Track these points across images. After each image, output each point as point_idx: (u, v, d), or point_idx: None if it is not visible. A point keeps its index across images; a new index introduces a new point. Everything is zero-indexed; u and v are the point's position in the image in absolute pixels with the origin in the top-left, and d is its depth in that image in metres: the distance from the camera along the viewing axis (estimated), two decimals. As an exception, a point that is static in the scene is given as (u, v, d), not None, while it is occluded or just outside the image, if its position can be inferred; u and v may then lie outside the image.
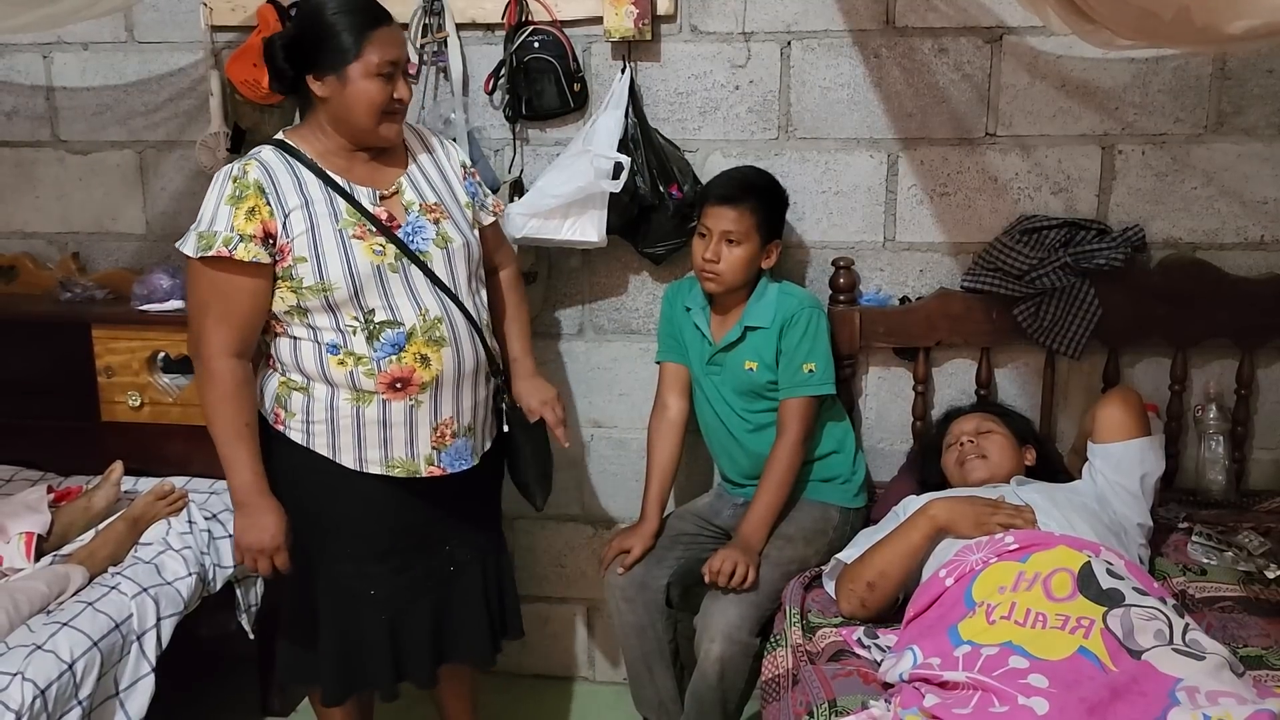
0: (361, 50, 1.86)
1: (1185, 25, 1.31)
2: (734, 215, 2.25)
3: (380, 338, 1.90)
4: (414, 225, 1.96)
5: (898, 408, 2.59)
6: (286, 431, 1.96)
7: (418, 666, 2.06)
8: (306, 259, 1.86)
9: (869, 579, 2.02)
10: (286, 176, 1.89)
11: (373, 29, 1.87)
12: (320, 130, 1.94)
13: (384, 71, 1.88)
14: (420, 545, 2.05)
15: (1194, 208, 2.44)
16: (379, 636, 2.02)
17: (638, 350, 2.66)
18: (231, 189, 1.86)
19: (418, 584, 2.04)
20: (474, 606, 2.11)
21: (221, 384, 1.88)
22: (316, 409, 1.93)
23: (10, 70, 2.79)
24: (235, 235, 1.83)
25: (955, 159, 2.47)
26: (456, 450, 2.01)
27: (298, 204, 1.88)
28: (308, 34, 1.89)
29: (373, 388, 1.91)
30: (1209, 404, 2.47)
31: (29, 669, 1.87)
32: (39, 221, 2.87)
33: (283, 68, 1.91)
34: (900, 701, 1.66)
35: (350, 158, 1.96)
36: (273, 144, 1.94)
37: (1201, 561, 2.18)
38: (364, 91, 1.87)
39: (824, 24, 2.44)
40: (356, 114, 1.89)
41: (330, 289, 1.87)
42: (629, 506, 2.68)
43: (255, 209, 1.85)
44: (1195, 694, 1.56)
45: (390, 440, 1.94)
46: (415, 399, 1.94)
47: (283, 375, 1.96)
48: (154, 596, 2.16)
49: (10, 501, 2.36)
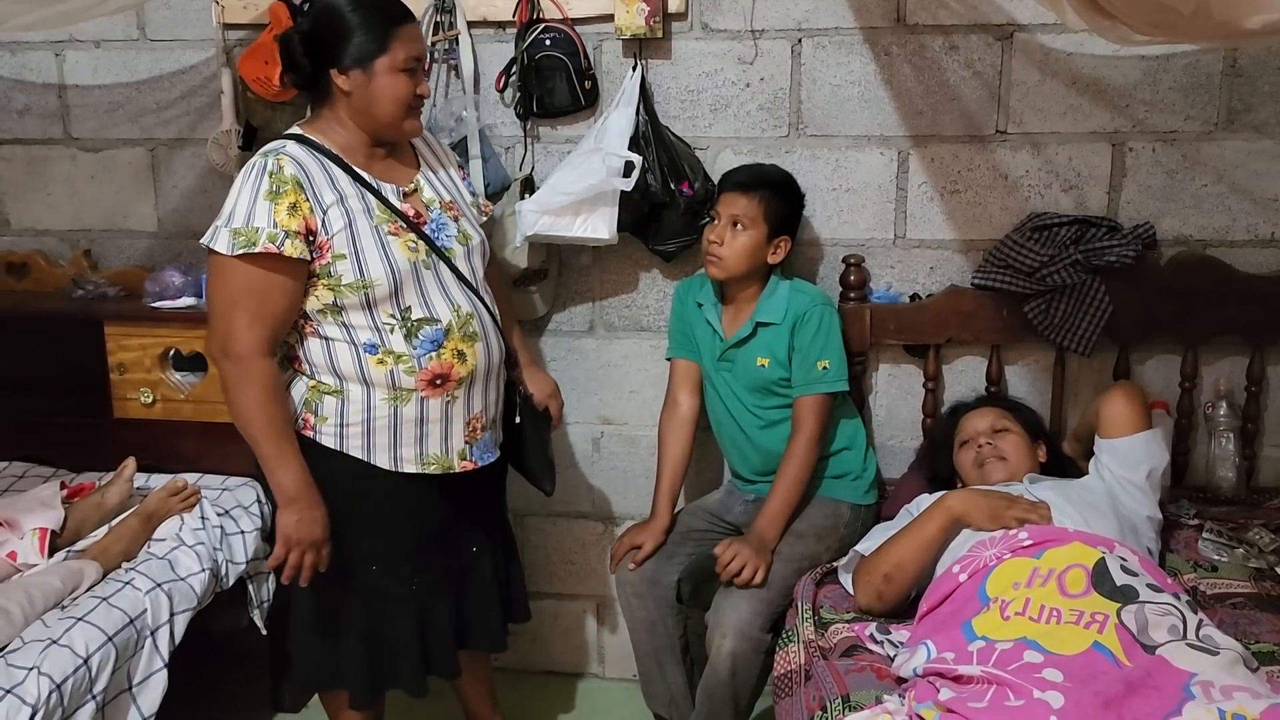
0: (389, 45, 1.86)
1: (1204, 20, 1.31)
2: (744, 201, 2.26)
3: (419, 335, 1.90)
4: (437, 222, 1.97)
5: (908, 405, 2.59)
6: (317, 436, 1.93)
7: (443, 659, 2.07)
8: (346, 256, 1.85)
9: (885, 571, 2.02)
10: (319, 172, 1.88)
11: (400, 25, 1.88)
12: (340, 125, 1.93)
13: (409, 67, 1.89)
14: (443, 542, 2.06)
15: (1204, 205, 2.44)
16: (409, 636, 2.02)
17: (648, 347, 2.67)
18: (269, 184, 1.83)
19: (442, 581, 2.06)
20: (488, 594, 2.13)
21: (261, 382, 1.85)
22: (351, 411, 1.91)
23: (23, 68, 2.80)
24: (280, 231, 1.80)
25: (966, 156, 2.47)
26: (484, 443, 2.03)
27: (334, 199, 1.87)
28: (330, 28, 1.88)
29: (413, 385, 1.91)
30: (1219, 401, 2.47)
31: (45, 663, 1.88)
32: (51, 219, 2.88)
33: (301, 62, 1.90)
34: (915, 696, 1.67)
35: (369, 154, 1.96)
36: (294, 139, 1.92)
37: (1212, 558, 2.18)
38: (391, 86, 1.88)
39: (835, 21, 2.44)
40: (382, 108, 1.89)
41: (371, 286, 1.86)
42: (640, 503, 2.68)
43: (296, 205, 1.83)
44: (1210, 688, 1.56)
45: (426, 437, 1.95)
46: (452, 395, 1.95)
47: (312, 378, 1.94)
48: (167, 592, 2.17)
49: (24, 498, 2.37)
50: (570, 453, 2.76)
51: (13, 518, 2.25)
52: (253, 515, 2.46)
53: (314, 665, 2.08)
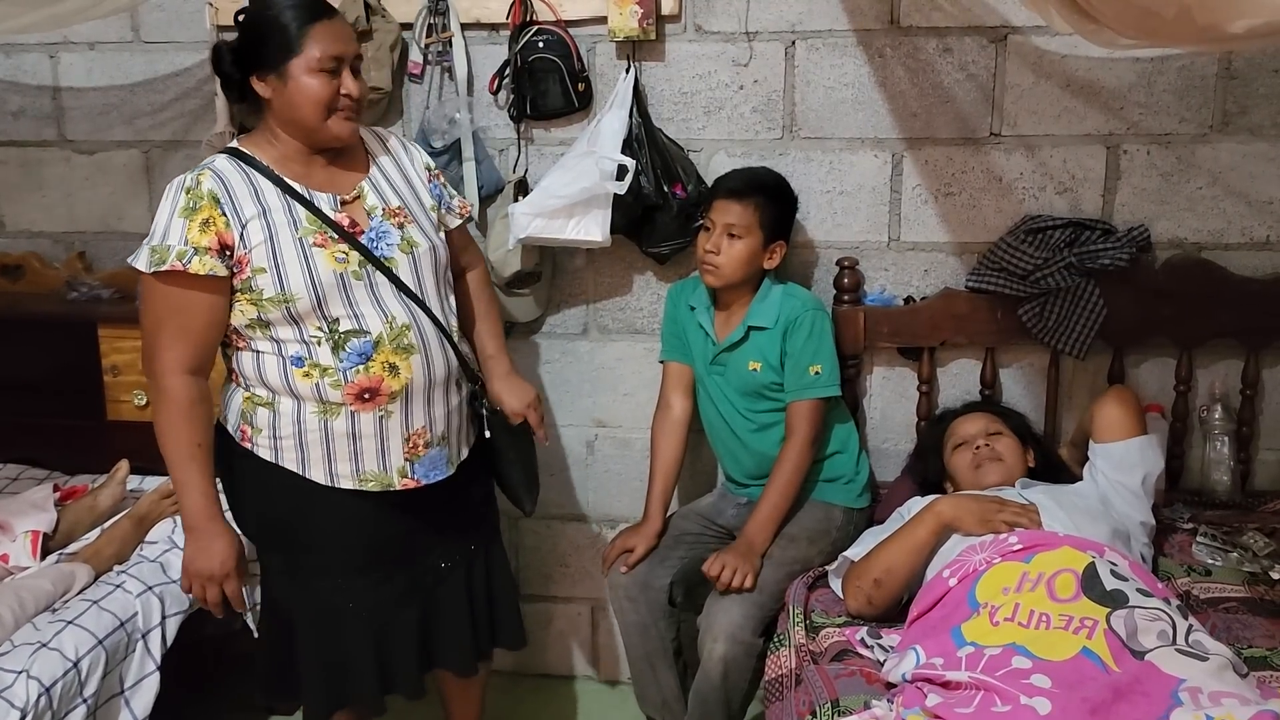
0: (302, 45, 1.78)
1: (1187, 25, 1.30)
2: (738, 209, 2.25)
3: (346, 347, 1.83)
4: (377, 231, 1.89)
5: (902, 408, 2.59)
6: (254, 449, 1.89)
7: (405, 678, 2.01)
8: (266, 270, 1.79)
9: (875, 575, 2.02)
10: (242, 185, 1.82)
11: (312, 22, 1.80)
12: (273, 135, 1.87)
13: (327, 66, 1.80)
14: (402, 556, 1.99)
15: (1199, 208, 2.43)
16: (363, 650, 1.96)
17: (642, 350, 2.66)
18: (185, 200, 1.78)
19: (402, 595, 1.99)
20: (458, 614, 2.06)
21: (174, 402, 1.81)
22: (283, 424, 1.86)
23: (17, 70, 2.80)
24: (189, 249, 1.76)
25: (960, 159, 2.47)
26: (431, 460, 1.94)
27: (254, 213, 1.80)
28: (250, 34, 1.82)
29: (340, 399, 1.84)
30: (1214, 404, 2.47)
31: (34, 667, 1.88)
32: (45, 221, 2.88)
33: (229, 72, 1.85)
34: (903, 701, 1.67)
35: (308, 162, 1.88)
36: (227, 152, 1.87)
37: (1206, 562, 2.18)
38: (307, 87, 1.80)
39: (828, 23, 2.44)
40: (301, 111, 1.82)
41: (292, 300, 1.80)
42: (632, 506, 2.68)
43: (210, 220, 1.77)
44: (1198, 695, 1.56)
45: (361, 453, 1.88)
46: (385, 409, 1.87)
47: (247, 390, 1.89)
48: (159, 595, 2.17)
49: (16, 500, 2.38)
50: (564, 456, 2.75)
51: (5, 520, 2.26)
52: (245, 518, 2.46)
53: (272, 679, 2.04)
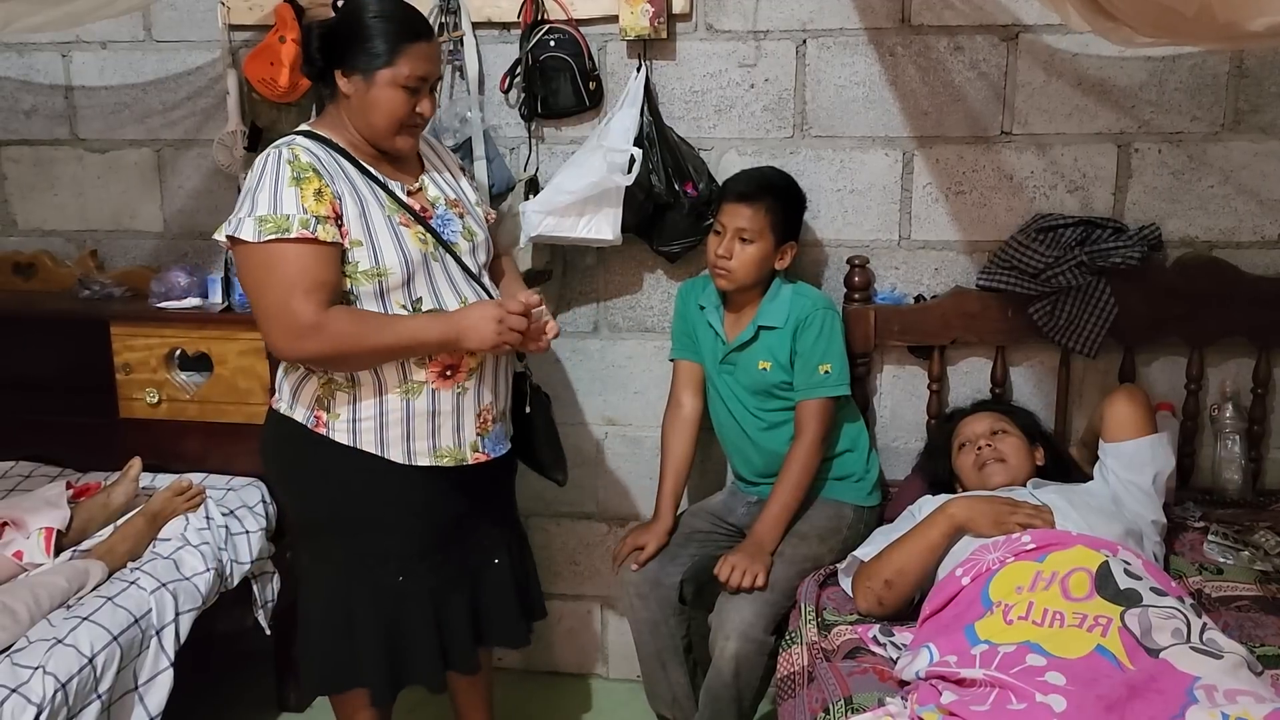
0: (395, 59, 1.86)
1: (1207, 22, 1.30)
2: (749, 213, 2.26)
3: None
4: (443, 218, 1.99)
5: (912, 406, 2.59)
6: (330, 434, 1.93)
7: (462, 654, 2.08)
8: (362, 243, 1.85)
9: (887, 577, 2.02)
10: (330, 162, 1.88)
11: (411, 41, 1.87)
12: (343, 124, 1.94)
13: (411, 85, 1.88)
14: (456, 537, 2.06)
15: (1210, 206, 2.43)
16: (427, 631, 2.02)
17: (652, 348, 2.67)
18: (290, 171, 1.82)
19: (456, 575, 2.06)
20: (506, 591, 2.13)
21: (345, 318, 1.82)
22: (364, 406, 1.91)
23: (30, 69, 2.81)
24: (311, 216, 1.80)
25: (971, 157, 2.47)
26: (496, 435, 2.03)
27: (347, 188, 1.88)
28: (345, 29, 1.89)
29: (424, 377, 1.91)
30: (1225, 403, 2.46)
31: (50, 663, 1.89)
32: (58, 219, 2.89)
33: (314, 55, 1.91)
34: (917, 699, 1.67)
35: (374, 155, 1.97)
36: (302, 134, 1.93)
37: (1218, 561, 2.18)
38: (388, 99, 1.88)
39: (839, 22, 2.44)
40: (375, 119, 1.90)
41: (385, 274, 1.86)
42: (643, 504, 2.68)
43: (321, 191, 1.82)
44: (1213, 692, 1.56)
45: (438, 429, 1.95)
46: (462, 385, 1.95)
47: (324, 375, 1.93)
48: (172, 591, 2.18)
49: (30, 497, 2.38)
50: (575, 453, 2.75)
51: (19, 517, 2.26)
52: (257, 515, 2.47)
53: (330, 667, 2.05)
